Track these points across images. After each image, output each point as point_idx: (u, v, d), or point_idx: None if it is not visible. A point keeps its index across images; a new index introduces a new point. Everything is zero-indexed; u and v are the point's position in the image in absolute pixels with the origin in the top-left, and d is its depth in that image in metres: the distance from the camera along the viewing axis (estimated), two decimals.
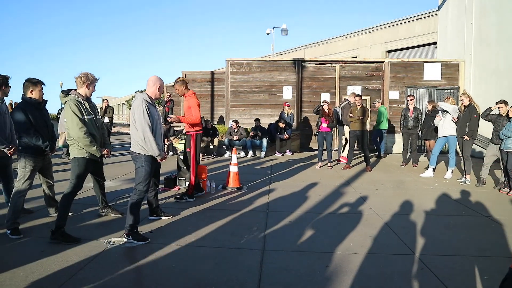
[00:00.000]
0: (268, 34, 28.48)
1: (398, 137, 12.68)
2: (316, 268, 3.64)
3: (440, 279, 3.39)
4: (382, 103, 12.67)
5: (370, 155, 10.10)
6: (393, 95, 13.69)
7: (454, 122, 8.26)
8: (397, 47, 22.83)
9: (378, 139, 11.95)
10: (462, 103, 8.23)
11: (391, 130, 13.58)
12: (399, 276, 3.49)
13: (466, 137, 7.96)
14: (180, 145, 11.10)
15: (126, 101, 59.23)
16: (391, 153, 13.46)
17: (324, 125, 9.73)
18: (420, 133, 10.19)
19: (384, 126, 11.78)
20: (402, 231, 4.73)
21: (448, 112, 8.39)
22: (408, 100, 10.24)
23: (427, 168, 8.99)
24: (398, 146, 12.90)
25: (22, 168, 4.53)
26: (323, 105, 9.76)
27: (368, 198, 6.53)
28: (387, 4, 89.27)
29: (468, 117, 7.96)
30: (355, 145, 10.03)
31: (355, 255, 3.94)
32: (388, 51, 23.51)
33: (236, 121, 12.60)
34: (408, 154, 10.48)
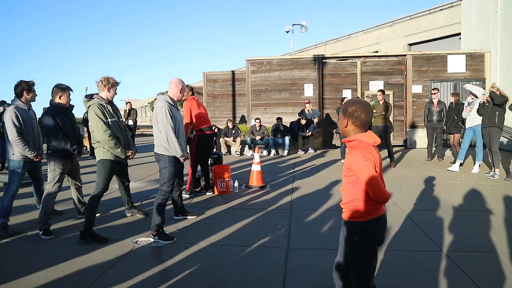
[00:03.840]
0: (287, 32, 28.34)
1: (422, 132, 12.43)
2: None
3: (468, 276, 3.32)
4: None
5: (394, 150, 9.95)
6: (416, 89, 13.43)
7: (480, 106, 8.00)
8: (419, 40, 22.32)
9: None
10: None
11: (414, 124, 13.37)
12: (425, 273, 3.43)
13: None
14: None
15: (149, 103, 60.09)
16: (415, 148, 13.23)
17: None
18: (444, 127, 9.95)
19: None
20: (428, 227, 4.65)
21: (476, 97, 8.20)
22: (432, 94, 10.03)
23: (454, 162, 8.81)
24: (422, 140, 12.65)
25: (51, 171, 4.68)
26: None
27: (392, 194, 6.44)
28: None
29: (498, 109, 7.73)
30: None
31: (380, 252, 3.90)
32: (410, 44, 23.01)
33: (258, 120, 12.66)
34: (433, 148, 10.27)
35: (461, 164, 8.66)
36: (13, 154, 4.70)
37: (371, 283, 2.25)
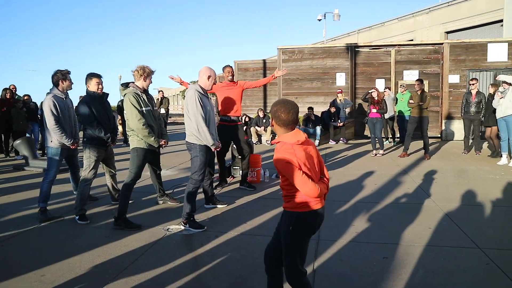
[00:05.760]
0: (319, 20, 27.96)
1: (459, 123, 12.00)
2: (372, 259, 3.56)
3: (508, 275, 3.19)
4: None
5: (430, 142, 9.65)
6: (453, 79, 12.93)
7: None
8: (457, 28, 21.48)
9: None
10: None
11: (451, 116, 12.92)
12: (461, 271, 3.32)
13: None
14: None
15: (180, 91, 60.81)
16: (452, 140, 12.81)
17: (374, 110, 9.51)
18: (482, 118, 9.54)
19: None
20: (464, 223, 4.49)
21: (510, 85, 7.85)
22: (470, 85, 9.62)
23: (491, 155, 8.48)
24: (459, 132, 12.22)
25: (87, 158, 4.81)
26: (372, 92, 9.54)
27: (427, 187, 6.27)
28: None
29: None
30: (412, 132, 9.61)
31: (413, 247, 3.81)
32: (448, 32, 22.19)
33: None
34: (470, 141, 9.90)
35: (503, 156, 8.31)
36: (51, 141, 4.85)
37: (302, 268, 2.45)
